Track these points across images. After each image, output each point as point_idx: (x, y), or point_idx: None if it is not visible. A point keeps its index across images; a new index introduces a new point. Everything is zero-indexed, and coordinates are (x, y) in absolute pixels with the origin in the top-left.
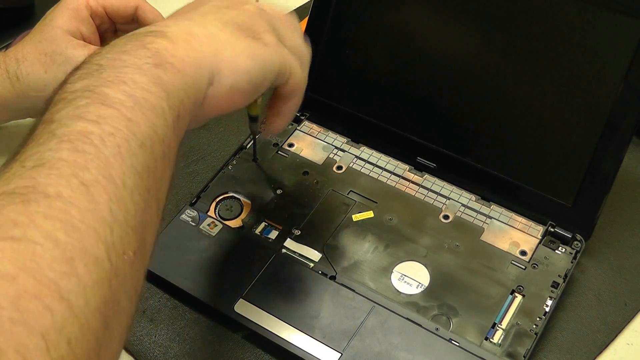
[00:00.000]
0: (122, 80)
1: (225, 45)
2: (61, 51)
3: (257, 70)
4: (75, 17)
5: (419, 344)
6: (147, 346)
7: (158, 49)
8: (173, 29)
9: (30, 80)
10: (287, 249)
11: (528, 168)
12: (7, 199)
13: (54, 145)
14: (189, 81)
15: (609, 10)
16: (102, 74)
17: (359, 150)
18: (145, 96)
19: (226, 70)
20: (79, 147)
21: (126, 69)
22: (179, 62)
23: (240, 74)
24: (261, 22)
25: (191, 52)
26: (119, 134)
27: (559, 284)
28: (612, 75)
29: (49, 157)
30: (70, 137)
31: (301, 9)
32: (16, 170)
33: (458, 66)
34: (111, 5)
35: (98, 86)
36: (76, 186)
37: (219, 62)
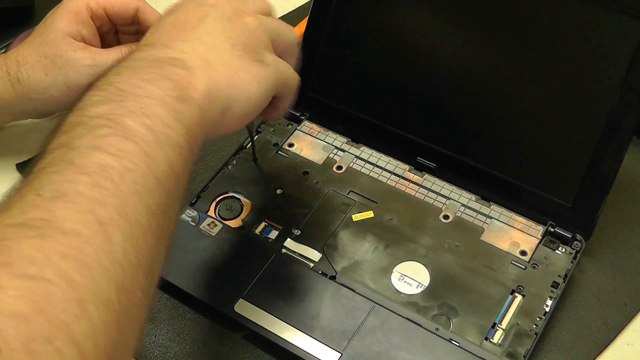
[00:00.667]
0: (144, 112)
1: (238, 72)
2: (61, 54)
3: (263, 93)
4: (75, 19)
5: (419, 344)
6: (147, 346)
7: (181, 82)
8: (192, 57)
9: (31, 82)
10: (287, 249)
11: (528, 168)
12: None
13: (72, 176)
14: (205, 115)
15: (609, 10)
16: (124, 102)
17: (359, 150)
18: (165, 131)
19: (238, 99)
20: (98, 181)
21: (149, 99)
22: (199, 96)
23: (250, 101)
24: (262, 37)
25: (210, 84)
26: (137, 170)
27: (559, 284)
28: (612, 75)
29: (67, 189)
30: (89, 169)
31: (301, 9)
32: (32, 199)
33: (458, 66)
34: (112, 7)
35: (120, 115)
36: (93, 224)
37: (232, 91)
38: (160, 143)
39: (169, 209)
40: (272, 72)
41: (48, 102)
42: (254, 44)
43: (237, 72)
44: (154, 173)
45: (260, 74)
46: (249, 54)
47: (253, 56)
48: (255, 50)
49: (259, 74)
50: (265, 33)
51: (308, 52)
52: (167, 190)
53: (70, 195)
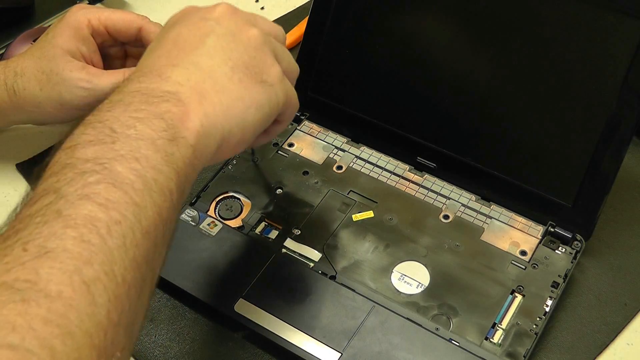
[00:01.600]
0: (134, 156)
1: (235, 100)
2: (58, 71)
3: (263, 118)
4: (75, 36)
5: (419, 344)
6: (147, 346)
7: (173, 121)
8: (186, 90)
9: (26, 95)
10: (287, 249)
11: (528, 168)
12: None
13: (59, 229)
14: (198, 154)
15: (609, 10)
16: (114, 144)
17: (359, 150)
18: (155, 177)
19: (235, 130)
20: (85, 236)
21: (140, 142)
22: (192, 136)
23: (247, 129)
24: (266, 55)
25: (204, 120)
26: (125, 223)
27: (559, 284)
28: (612, 75)
29: (53, 245)
30: (77, 221)
31: (301, 9)
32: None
33: (458, 66)
34: (113, 26)
35: (110, 160)
36: (78, 285)
37: (229, 123)
38: (149, 191)
39: (153, 259)
40: (275, 93)
41: (42, 115)
42: (257, 63)
43: (234, 100)
44: (141, 223)
45: (261, 98)
46: (251, 75)
47: (255, 77)
48: (258, 70)
49: (260, 97)
50: (270, 50)
51: (308, 52)
52: (154, 240)
53: (56, 252)
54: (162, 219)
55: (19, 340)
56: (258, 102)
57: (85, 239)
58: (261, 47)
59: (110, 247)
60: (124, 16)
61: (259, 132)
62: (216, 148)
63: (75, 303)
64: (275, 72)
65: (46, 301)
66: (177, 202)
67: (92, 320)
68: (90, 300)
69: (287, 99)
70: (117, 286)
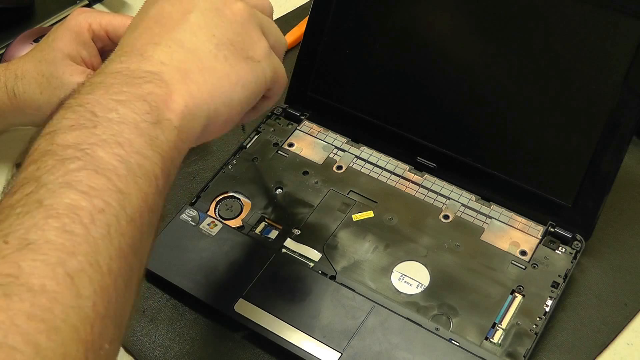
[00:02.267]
0: (117, 141)
1: (221, 78)
2: (58, 75)
3: (250, 96)
4: (75, 40)
5: (419, 344)
6: (147, 346)
7: (156, 103)
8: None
9: (26, 98)
10: (287, 249)
11: (528, 168)
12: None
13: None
14: (184, 136)
15: (609, 10)
16: (96, 128)
17: (359, 150)
18: (139, 162)
19: (221, 109)
20: (67, 226)
21: (122, 126)
22: (176, 117)
23: (233, 108)
24: (253, 30)
25: (188, 100)
26: (109, 210)
27: (559, 284)
28: (612, 75)
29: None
30: (59, 211)
31: (301, 9)
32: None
33: (458, 66)
34: (114, 30)
35: (92, 145)
36: (61, 277)
37: (215, 102)
38: (134, 176)
39: (140, 247)
40: (262, 68)
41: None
42: (243, 39)
43: (220, 78)
44: (126, 211)
45: (247, 75)
46: (236, 52)
47: (241, 53)
48: (244, 47)
49: (246, 74)
50: (256, 25)
51: (308, 52)
52: (139, 227)
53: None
54: (147, 205)
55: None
56: (244, 79)
57: (68, 229)
58: (247, 22)
59: (95, 237)
60: (125, 21)
61: (246, 109)
62: (202, 129)
63: (60, 296)
64: (261, 47)
65: (29, 295)
66: (162, 187)
67: (78, 313)
68: (75, 292)
69: (275, 74)
70: (102, 277)
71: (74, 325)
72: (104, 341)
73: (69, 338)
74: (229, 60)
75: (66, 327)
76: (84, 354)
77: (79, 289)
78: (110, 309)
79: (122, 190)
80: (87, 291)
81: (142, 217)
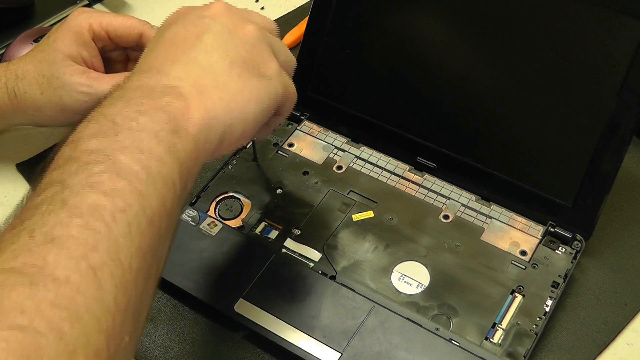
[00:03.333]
0: (137, 147)
1: (235, 94)
2: (59, 75)
3: (263, 112)
4: (76, 41)
5: (419, 344)
6: (147, 346)
7: (175, 114)
8: (186, 85)
9: (26, 98)
10: (287, 249)
11: (528, 168)
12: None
13: (64, 217)
14: (200, 146)
15: (609, 10)
16: (117, 136)
17: (359, 150)
18: (159, 167)
19: (236, 123)
20: (90, 224)
21: (143, 133)
22: (193, 128)
23: (248, 122)
24: (264, 49)
25: (205, 114)
26: (130, 211)
27: (559, 284)
28: (612, 75)
29: (60, 232)
30: (82, 209)
31: (301, 9)
32: (25, 242)
33: (458, 66)
34: (114, 30)
35: (113, 150)
36: (84, 270)
37: (230, 116)
38: (153, 180)
39: (158, 249)
40: (274, 86)
41: (43, 118)
42: (255, 57)
43: (234, 95)
44: (146, 212)
45: (260, 92)
46: (249, 70)
47: (253, 71)
48: (256, 65)
49: (259, 91)
50: (266, 44)
51: (308, 52)
52: (158, 229)
53: (63, 239)
54: (166, 209)
55: (27, 322)
56: (257, 95)
57: (91, 227)
58: (258, 42)
59: (116, 235)
60: (126, 21)
61: (260, 124)
62: (218, 142)
63: (83, 288)
64: (272, 65)
65: (54, 285)
66: (180, 194)
67: (100, 304)
68: (98, 285)
69: (286, 91)
70: (123, 273)
71: (96, 315)
72: (124, 334)
73: (92, 327)
74: (242, 77)
75: (89, 316)
76: (106, 343)
77: (101, 282)
78: (131, 304)
79: (142, 193)
80: (108, 285)
81: (161, 219)
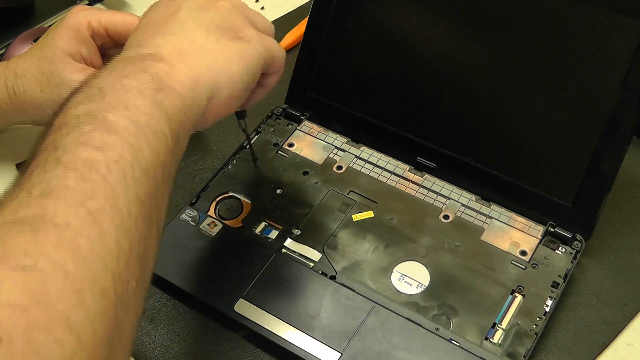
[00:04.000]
0: (124, 105)
1: (216, 54)
2: (58, 73)
3: (248, 71)
4: (75, 38)
5: (419, 344)
6: (147, 346)
7: (158, 73)
8: (166, 50)
9: (26, 97)
10: (287, 249)
11: (528, 168)
12: (17, 228)
13: (60, 173)
14: (189, 102)
15: (609, 10)
16: (104, 99)
17: (359, 150)
18: (147, 122)
19: (222, 81)
20: (86, 175)
21: (128, 93)
22: (178, 85)
23: (235, 80)
24: (238, 16)
25: (188, 72)
26: (123, 161)
27: (559, 284)
28: (613, 75)
29: (56, 185)
30: (77, 164)
31: (301, 9)
32: (23, 198)
33: (458, 66)
34: (114, 28)
35: (101, 111)
36: (84, 215)
37: (215, 75)
38: (143, 133)
39: (157, 198)
40: (254, 47)
41: (42, 115)
42: (230, 25)
43: (215, 54)
44: (140, 163)
45: (240, 51)
46: (226, 34)
47: (230, 34)
48: (231, 29)
49: (238, 51)
50: (240, 13)
51: (308, 52)
52: (154, 179)
53: (60, 191)
54: (160, 160)
55: (32, 262)
56: (238, 54)
57: (86, 178)
58: (231, 11)
59: (112, 183)
60: (125, 18)
61: (248, 85)
62: (207, 100)
63: (84, 231)
64: (248, 30)
65: (55, 230)
66: (173, 147)
67: (103, 246)
68: (98, 229)
69: (269, 50)
70: (122, 218)
71: (100, 256)
72: (131, 277)
73: (96, 266)
74: (220, 40)
75: (93, 257)
76: (112, 283)
77: (102, 226)
78: (134, 248)
79: (133, 145)
80: (109, 228)
81: (156, 170)
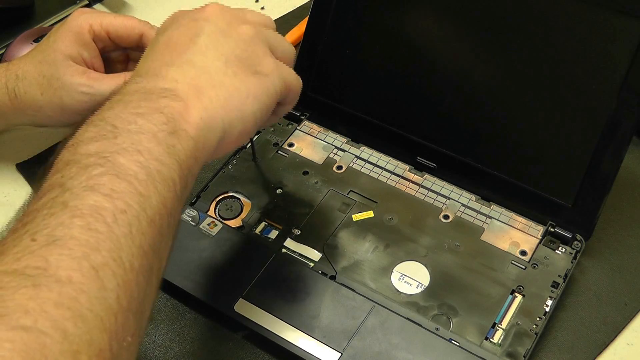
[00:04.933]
0: (136, 149)
1: (232, 93)
2: (59, 76)
3: (262, 108)
4: (76, 41)
5: (419, 344)
6: (147, 346)
7: (173, 115)
8: (183, 86)
9: (27, 99)
10: (287, 249)
11: (528, 168)
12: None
13: (66, 219)
14: (200, 146)
15: (609, 10)
16: (116, 139)
17: (359, 150)
18: (158, 168)
19: (235, 121)
20: (92, 224)
21: (141, 135)
22: (192, 128)
23: (248, 119)
24: (259, 46)
25: (203, 113)
26: (130, 211)
27: (559, 284)
28: (612, 75)
29: (61, 234)
30: (83, 211)
31: (301, 9)
32: (27, 245)
33: (458, 66)
34: (115, 31)
35: (113, 153)
36: (87, 270)
37: (229, 115)
38: (153, 181)
39: (160, 247)
40: (271, 81)
41: (43, 118)
42: (250, 55)
43: (231, 93)
44: (146, 212)
45: (257, 89)
46: (245, 68)
47: (249, 69)
48: (251, 63)
49: (256, 89)
50: (262, 41)
51: (308, 52)
52: (159, 229)
53: (64, 240)
54: (166, 209)
55: (31, 322)
56: (255, 92)
57: (92, 227)
58: (252, 40)
59: (117, 235)
60: (126, 22)
61: (260, 121)
62: (218, 140)
63: (86, 287)
64: (268, 62)
65: (57, 286)
66: (180, 194)
67: (103, 304)
68: (100, 285)
69: (286, 84)
70: (125, 272)
71: (99, 315)
72: (127, 333)
73: (94, 326)
74: (238, 75)
75: (92, 316)
76: (109, 342)
77: (103, 282)
78: (133, 303)
79: (142, 194)
80: (111, 284)
81: (162, 219)
